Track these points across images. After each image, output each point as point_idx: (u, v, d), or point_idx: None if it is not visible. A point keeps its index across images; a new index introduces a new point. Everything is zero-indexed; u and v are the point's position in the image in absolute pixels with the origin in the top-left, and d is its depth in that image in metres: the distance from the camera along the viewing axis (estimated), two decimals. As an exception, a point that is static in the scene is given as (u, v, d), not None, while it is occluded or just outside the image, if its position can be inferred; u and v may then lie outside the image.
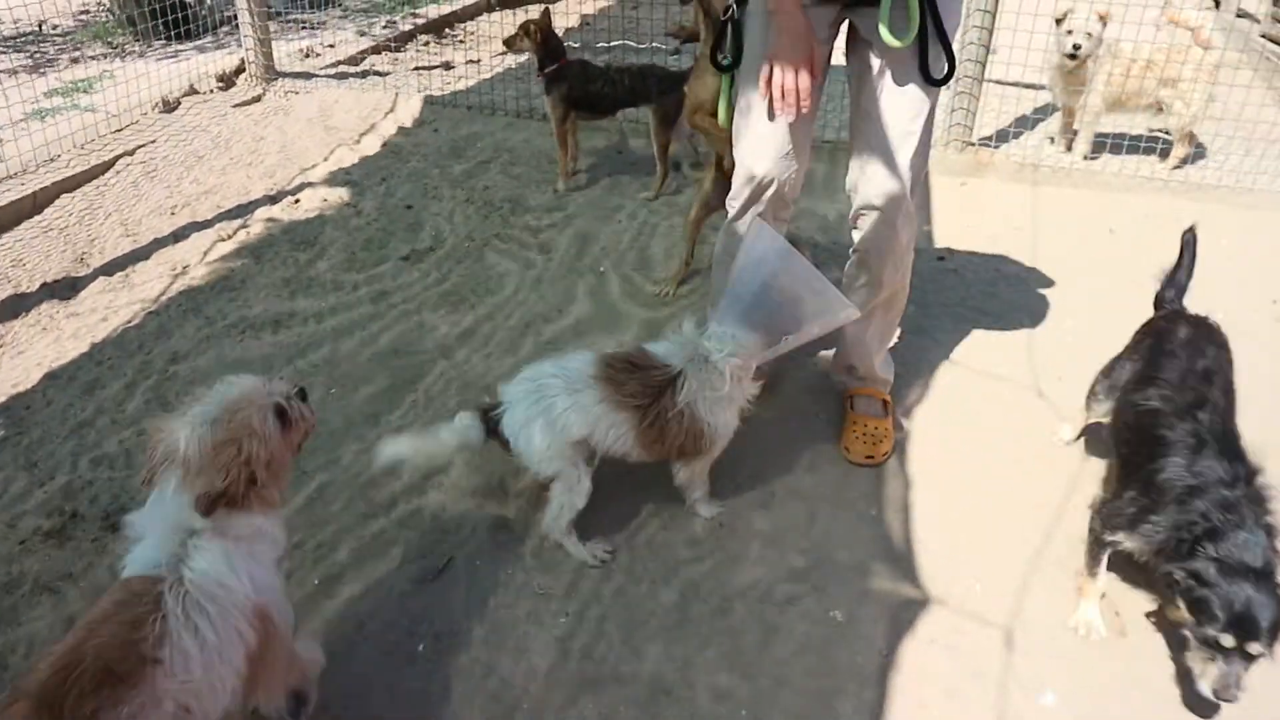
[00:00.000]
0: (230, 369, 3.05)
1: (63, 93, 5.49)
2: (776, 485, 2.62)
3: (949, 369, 3.14)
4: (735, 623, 2.22)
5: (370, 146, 4.91)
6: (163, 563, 1.55)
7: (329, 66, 6.06)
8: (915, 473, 2.69)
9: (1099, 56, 4.49)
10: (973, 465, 2.73)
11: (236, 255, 3.79)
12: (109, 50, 6.58)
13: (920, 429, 2.86)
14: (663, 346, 2.36)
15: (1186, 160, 4.60)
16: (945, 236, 4.07)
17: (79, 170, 4.43)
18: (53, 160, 4.50)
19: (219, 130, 5.06)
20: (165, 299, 3.50)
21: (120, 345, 3.20)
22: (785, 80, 2.22)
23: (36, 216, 4.13)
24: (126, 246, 3.91)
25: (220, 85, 5.57)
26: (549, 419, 2.23)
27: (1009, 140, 4.79)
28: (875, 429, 2.77)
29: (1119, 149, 4.67)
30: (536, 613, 2.23)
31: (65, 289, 3.60)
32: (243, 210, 4.18)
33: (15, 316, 3.40)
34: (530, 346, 3.22)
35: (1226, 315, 3.46)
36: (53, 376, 3.04)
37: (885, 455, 2.73)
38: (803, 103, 2.26)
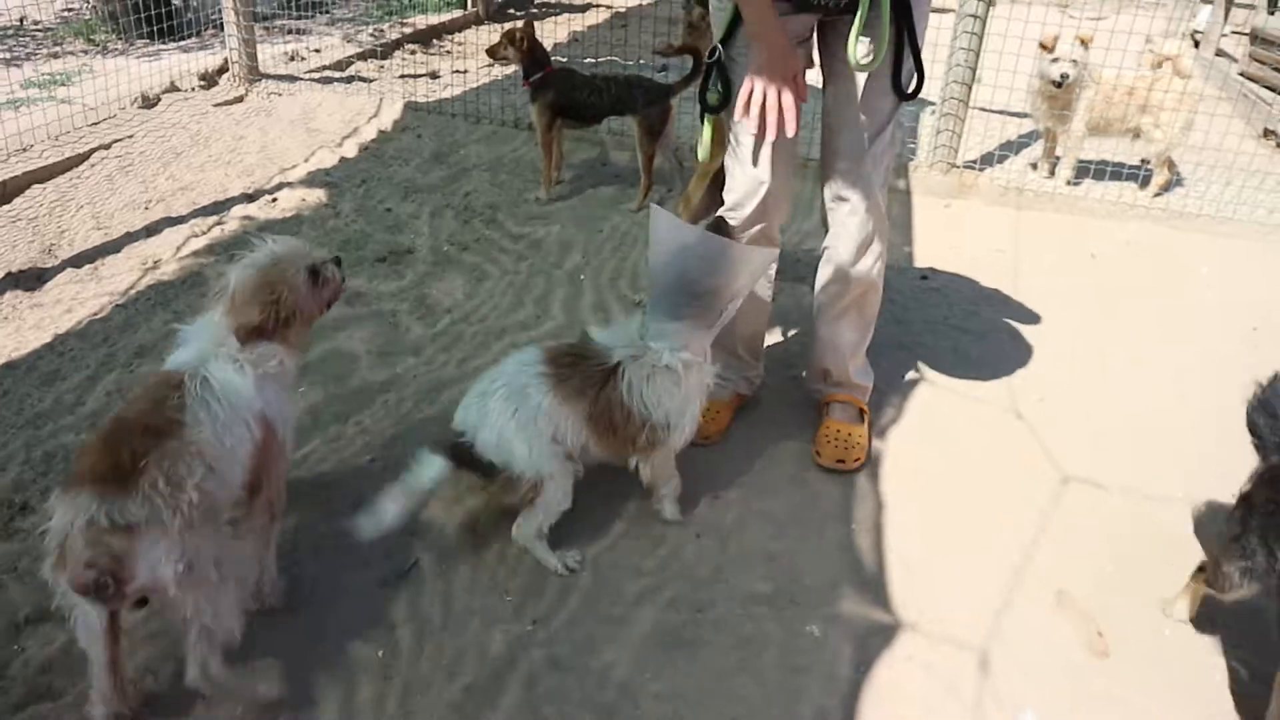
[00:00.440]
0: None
1: (39, 85, 5.41)
2: (747, 504, 2.56)
3: (928, 387, 3.11)
4: (704, 636, 2.15)
5: (351, 150, 4.85)
6: (192, 363, 1.91)
7: (314, 71, 6.01)
8: (889, 492, 2.64)
9: (1083, 83, 4.52)
10: (949, 485, 2.68)
11: (210, 252, 3.71)
12: (90, 47, 6.50)
13: (896, 447, 2.82)
14: (605, 334, 2.34)
15: (1167, 188, 4.63)
16: (928, 256, 4.05)
17: (52, 161, 4.34)
18: (25, 150, 4.41)
19: (199, 128, 4.98)
20: (134, 293, 3.41)
21: (84, 337, 3.12)
22: (769, 100, 2.22)
23: (5, 205, 4.03)
24: (97, 239, 3.82)
25: (202, 84, 5.50)
26: (517, 423, 2.18)
27: (993, 164, 4.81)
28: (849, 435, 2.73)
29: (1101, 175, 4.70)
30: (502, 619, 2.16)
31: (31, 279, 3.50)
32: (219, 207, 4.11)
33: (-23, 306, 3.31)
34: (502, 350, 3.16)
35: (1208, 343, 3.49)
36: (11, 366, 2.94)
37: (858, 463, 2.68)
38: (788, 121, 2.25)
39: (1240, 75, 6.58)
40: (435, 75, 6.29)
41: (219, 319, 2.00)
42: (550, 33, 7.51)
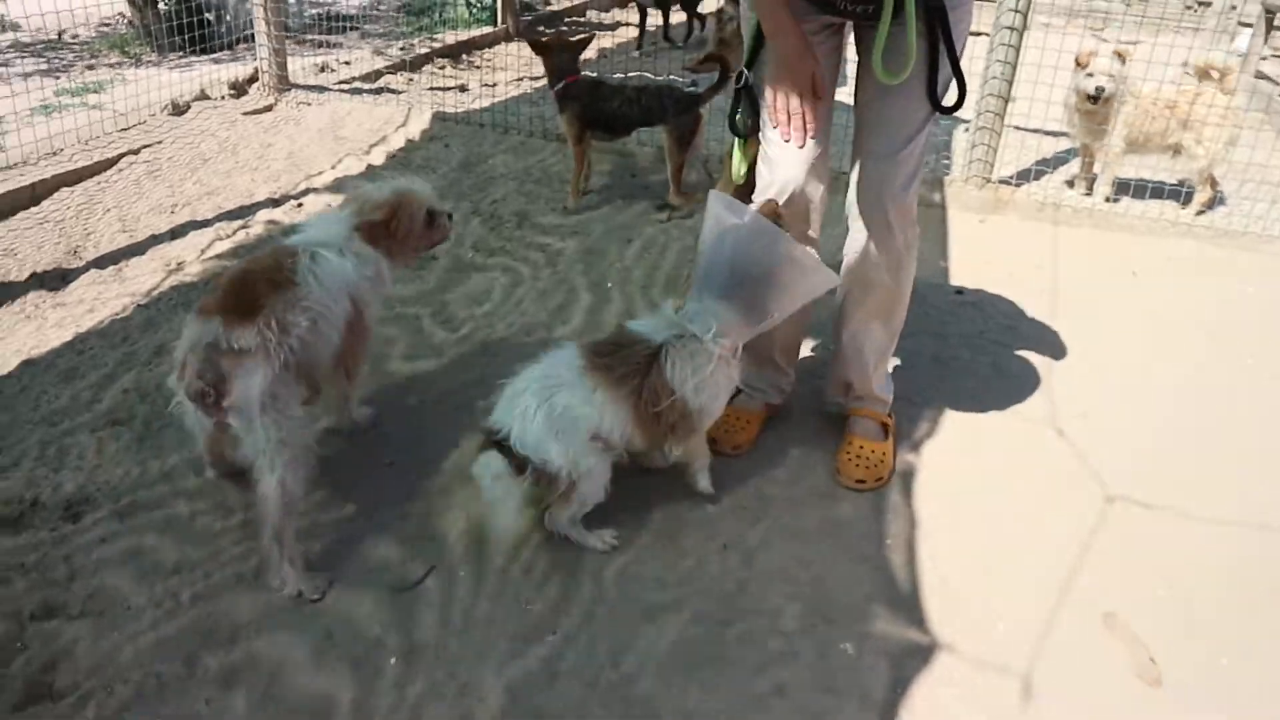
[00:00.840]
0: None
1: (73, 92, 5.45)
2: (776, 518, 2.46)
3: (965, 402, 3.00)
4: (731, 652, 2.05)
5: (379, 157, 4.82)
6: (307, 243, 2.26)
7: (343, 82, 6.02)
8: (925, 508, 2.53)
9: (1121, 97, 4.41)
10: (988, 502, 2.57)
11: (234, 254, 3.68)
12: (125, 59, 6.56)
13: (932, 462, 2.71)
14: (643, 324, 2.29)
15: (1210, 206, 4.50)
16: (963, 271, 3.95)
17: (81, 165, 4.34)
18: (55, 154, 4.41)
19: (227, 135, 4.98)
20: (156, 293, 3.38)
21: (105, 336, 3.08)
22: (791, 104, 2.18)
23: (34, 207, 4.03)
24: (122, 242, 3.80)
25: (232, 92, 5.52)
26: (554, 420, 2.11)
27: (1030, 180, 4.70)
28: (871, 452, 2.62)
29: (1141, 192, 4.57)
30: (521, 629, 2.06)
31: (55, 279, 3.48)
32: (244, 212, 4.08)
33: (0, 305, 3.28)
34: (527, 354, 3.08)
35: (1255, 361, 3.35)
36: (30, 363, 2.90)
37: (880, 481, 2.58)
38: (810, 126, 2.20)
39: (1282, 97, 6.43)
40: (464, 88, 6.28)
41: (340, 216, 2.38)
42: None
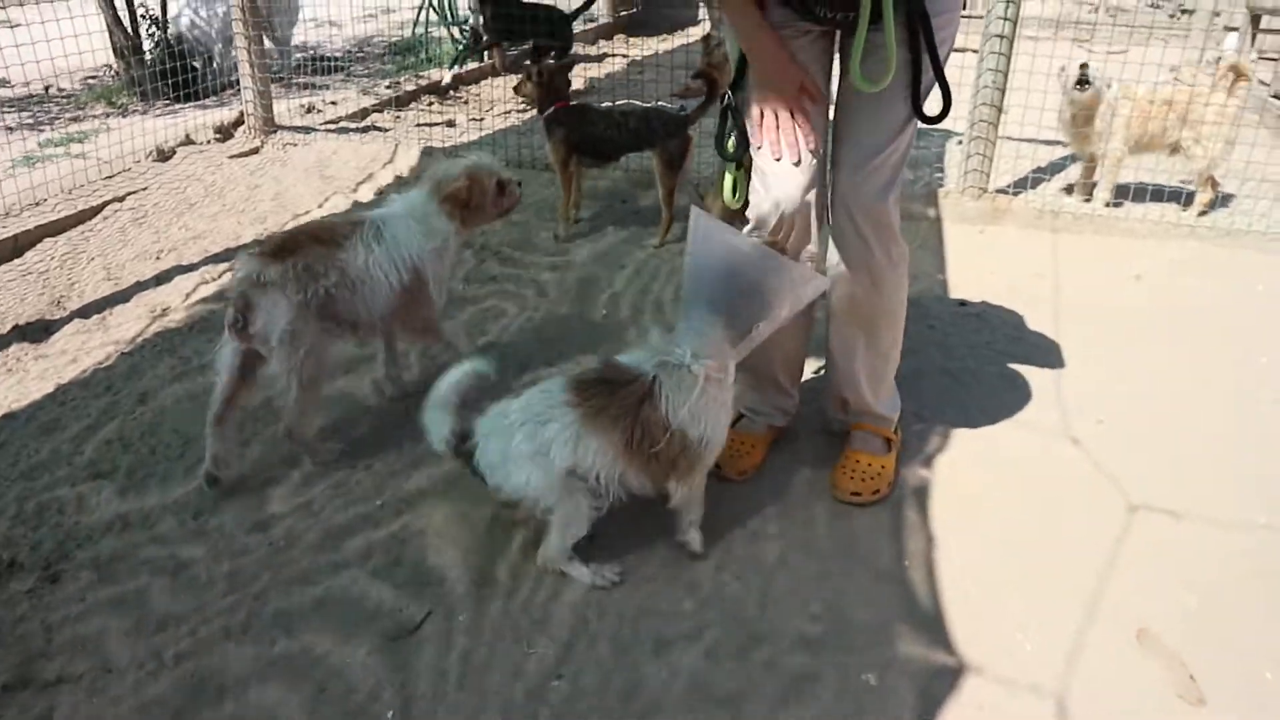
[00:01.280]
0: (201, 410, 2.82)
1: (56, 142, 5.40)
2: (788, 540, 2.36)
3: (976, 413, 2.90)
4: (749, 685, 1.94)
5: (367, 194, 4.77)
6: (377, 215, 2.60)
7: (330, 122, 5.99)
8: (942, 524, 2.43)
9: (1112, 102, 4.36)
10: (1006, 515, 2.47)
11: (219, 298, 3.60)
12: (111, 110, 6.53)
13: (946, 476, 2.61)
14: (631, 356, 2.17)
15: (1212, 207, 4.43)
16: (964, 283, 3.87)
17: (65, 214, 4.28)
18: (38, 204, 4.36)
19: (213, 179, 4.93)
20: (140, 340, 3.30)
21: (87, 386, 2.99)
22: (781, 120, 2.08)
23: (16, 259, 3.96)
24: (106, 290, 3.73)
25: (217, 136, 5.48)
26: (528, 452, 2.02)
27: (1027, 188, 4.64)
28: (868, 466, 2.53)
29: (1141, 196, 4.51)
30: (525, 676, 1.96)
31: (38, 331, 3.40)
32: (230, 254, 4.01)
33: (-20, 359, 3.20)
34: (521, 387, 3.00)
35: (1270, 361, 3.27)
36: (10, 417, 2.81)
37: (877, 495, 2.48)
38: (806, 139, 2.11)
39: (1275, 98, 6.40)
40: (452, 124, 6.26)
41: (420, 192, 2.64)
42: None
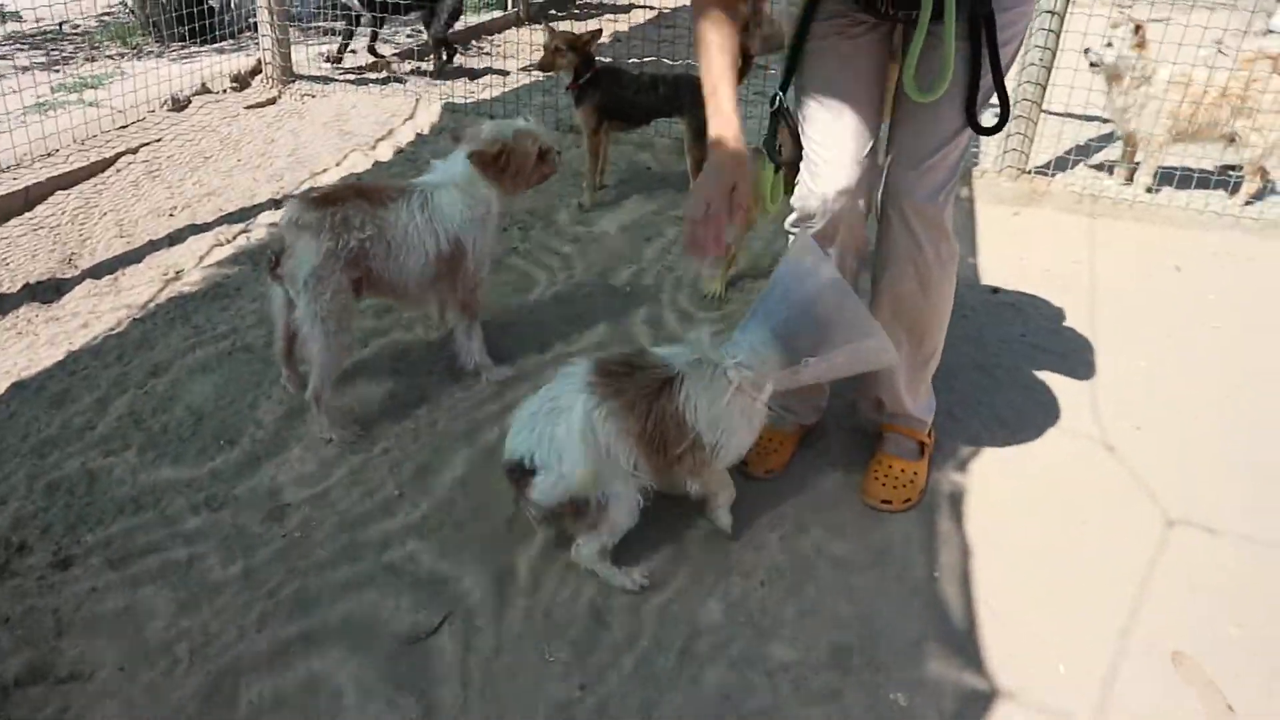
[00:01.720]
0: (215, 385, 2.78)
1: (70, 88, 5.27)
2: (817, 547, 2.30)
3: (1010, 413, 2.82)
4: (774, 702, 1.89)
5: (386, 153, 4.64)
6: (425, 182, 2.63)
7: (349, 71, 5.83)
8: (974, 533, 2.36)
9: (1150, 80, 4.20)
10: (1040, 526, 2.40)
11: (234, 261, 3.51)
12: (126, 50, 6.38)
13: (979, 481, 2.54)
14: (668, 350, 2.13)
15: (1259, 196, 4.28)
16: (997, 269, 3.75)
17: (77, 166, 4.17)
18: (50, 155, 4.25)
19: (229, 131, 4.81)
20: (153, 305, 3.21)
21: (98, 354, 2.91)
22: (713, 217, 1.91)
23: (27, 213, 3.87)
24: (119, 248, 3.64)
25: (234, 86, 5.34)
26: (573, 440, 1.98)
27: (1067, 169, 4.49)
28: (901, 472, 2.45)
29: (1186, 182, 4.36)
30: (544, 684, 1.91)
31: (49, 291, 3.32)
32: (245, 214, 3.91)
33: (-9, 319, 3.13)
34: (543, 368, 2.93)
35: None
36: (20, 386, 2.75)
37: (908, 503, 2.41)
38: (716, 250, 1.95)
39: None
40: (474, 75, 6.09)
41: (461, 158, 2.63)
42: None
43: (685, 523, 2.30)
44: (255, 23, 5.50)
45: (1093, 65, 4.27)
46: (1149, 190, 4.36)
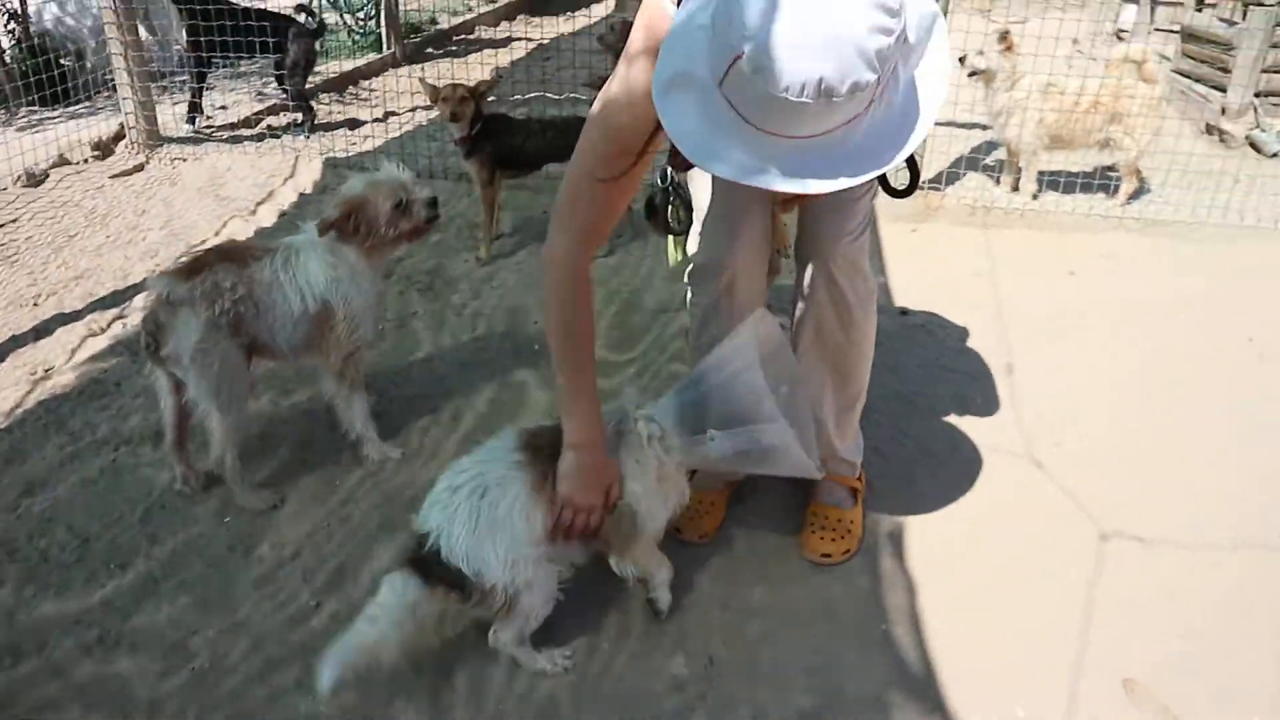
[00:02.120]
0: (100, 496, 2.54)
1: (-94, 169, 4.85)
2: (768, 606, 2.22)
3: (936, 442, 2.82)
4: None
5: (268, 216, 4.41)
6: (291, 242, 2.53)
7: (221, 129, 5.56)
8: (919, 573, 2.33)
9: (1015, 86, 4.35)
10: (981, 555, 2.38)
11: (110, 353, 3.25)
12: (-33, 121, 5.93)
13: (917, 518, 2.51)
14: (604, 410, 2.03)
15: (1136, 195, 4.46)
16: (903, 288, 3.79)
17: (-80, 258, 3.84)
18: (-113, 248, 3.89)
19: (94, 205, 4.50)
20: (21, 411, 2.93)
21: (-40, 476, 2.64)
22: (577, 523, 1.93)
23: None
24: (-23, 347, 3.33)
25: (96, 154, 5.00)
26: (495, 521, 1.86)
27: (958, 182, 4.58)
28: (838, 522, 2.41)
29: (1070, 188, 4.51)
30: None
31: (-104, 406, 3.01)
32: (119, 298, 3.64)
33: None
34: (455, 446, 2.78)
35: (1209, 359, 3.28)
36: None
37: (848, 554, 2.36)
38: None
39: (1174, 73, 6.52)
40: (355, 124, 5.89)
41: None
42: (476, 67, 7.15)
43: (626, 596, 2.19)
44: (112, 80, 5.17)
45: (971, 75, 4.39)
46: (1034, 196, 4.49)
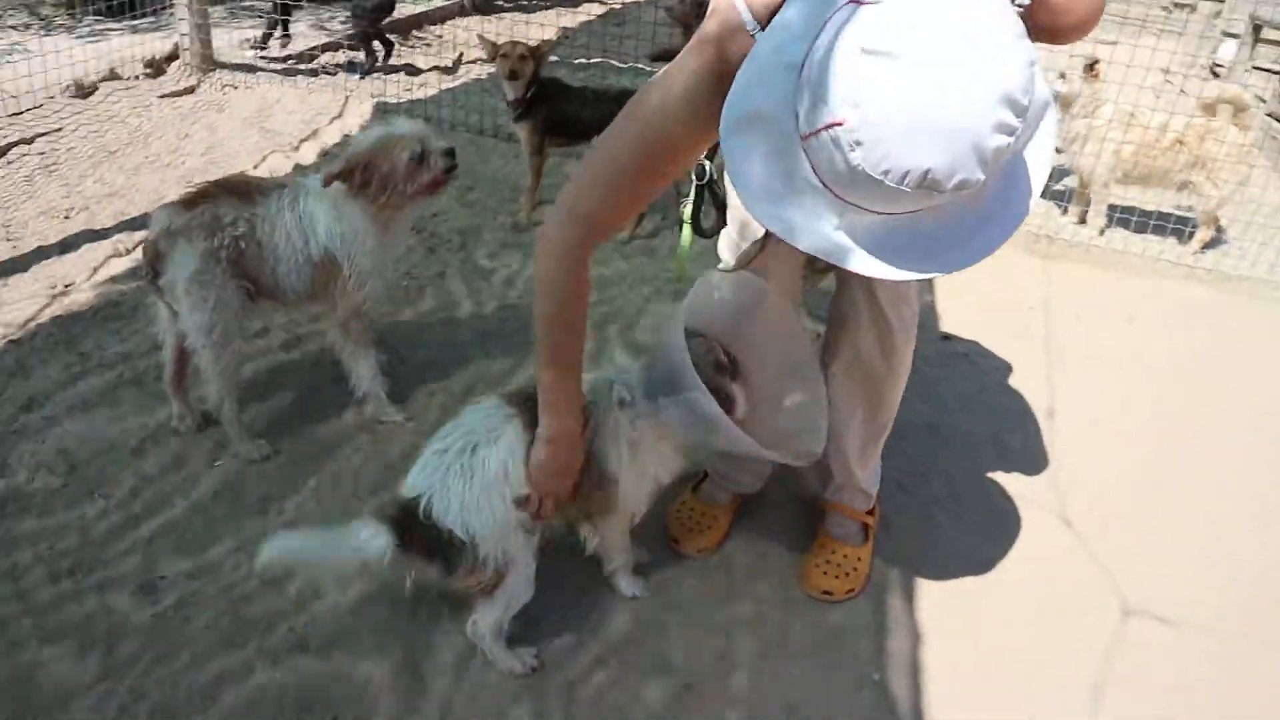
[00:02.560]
0: (97, 422, 2.48)
1: (-39, 65, 4.84)
2: (758, 635, 2.10)
3: (965, 483, 2.66)
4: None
5: (309, 154, 4.33)
6: (301, 182, 2.43)
7: (276, 60, 5.48)
8: (926, 619, 2.19)
9: (1086, 109, 4.13)
10: (994, 612, 2.24)
11: (131, 276, 3.18)
12: (33, 20, 5.92)
13: (931, 560, 2.37)
14: (590, 377, 1.96)
15: (1212, 244, 4.23)
16: (949, 312, 3.62)
17: (-39, 157, 3.80)
18: (-69, 143, 3.86)
19: (139, 123, 4.44)
20: (34, 325, 2.88)
21: (-36, 384, 2.59)
22: (545, 506, 1.85)
23: (-101, 208, 3.50)
24: (4, 253, 3.28)
25: (148, 71, 4.95)
26: (485, 481, 1.77)
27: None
28: (844, 558, 2.27)
29: (1143, 228, 4.28)
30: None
31: (-84, 301, 2.97)
32: (148, 221, 3.56)
33: None
34: (455, 400, 2.69)
35: (1265, 430, 3.08)
36: None
37: (851, 593, 2.23)
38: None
39: (1269, 116, 6.21)
40: (412, 70, 5.78)
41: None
42: (539, 28, 6.99)
43: (611, 610, 2.09)
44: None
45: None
46: (1101, 232, 4.28)
